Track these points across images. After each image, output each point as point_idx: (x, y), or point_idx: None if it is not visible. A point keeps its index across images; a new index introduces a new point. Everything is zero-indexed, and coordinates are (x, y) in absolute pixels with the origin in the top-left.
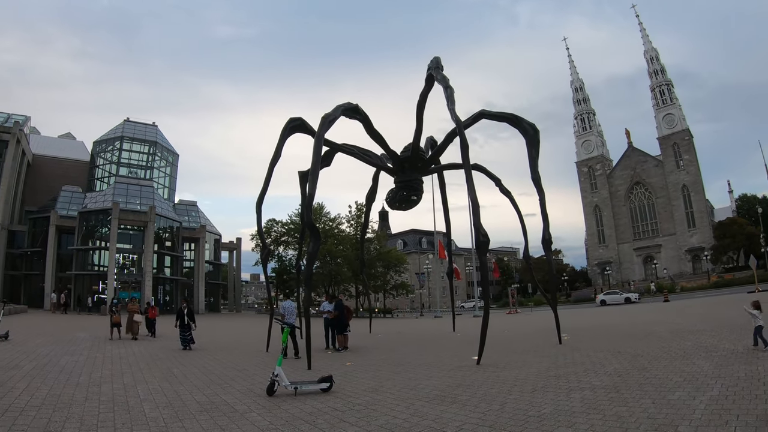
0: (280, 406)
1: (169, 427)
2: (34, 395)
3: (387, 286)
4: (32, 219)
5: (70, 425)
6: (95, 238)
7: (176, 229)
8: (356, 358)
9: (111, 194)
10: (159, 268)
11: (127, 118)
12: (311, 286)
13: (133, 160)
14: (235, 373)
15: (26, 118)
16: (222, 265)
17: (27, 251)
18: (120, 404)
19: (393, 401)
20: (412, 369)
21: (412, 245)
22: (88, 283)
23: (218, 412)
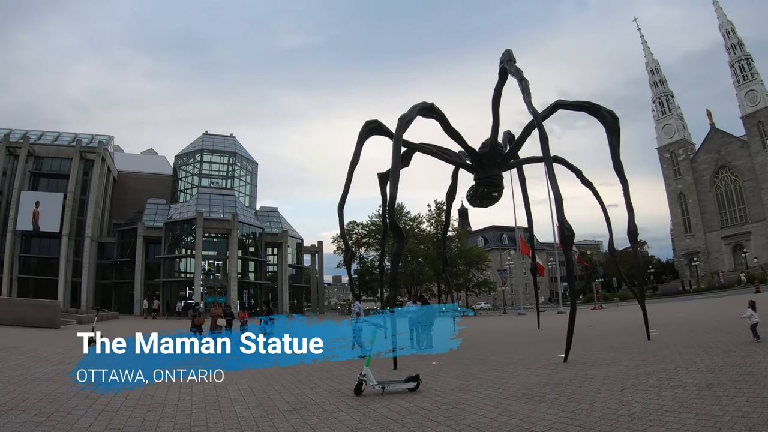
0: (368, 405)
1: (260, 426)
2: (129, 396)
3: (469, 284)
4: (120, 231)
5: (164, 424)
6: (181, 247)
7: (259, 234)
8: (441, 357)
9: (194, 204)
10: (243, 273)
11: (205, 132)
12: (396, 286)
13: (214, 171)
14: (323, 373)
15: (109, 137)
16: (305, 269)
17: (116, 261)
18: (211, 404)
19: (480, 400)
20: (498, 367)
21: (493, 242)
22: (176, 289)
23: (307, 412)
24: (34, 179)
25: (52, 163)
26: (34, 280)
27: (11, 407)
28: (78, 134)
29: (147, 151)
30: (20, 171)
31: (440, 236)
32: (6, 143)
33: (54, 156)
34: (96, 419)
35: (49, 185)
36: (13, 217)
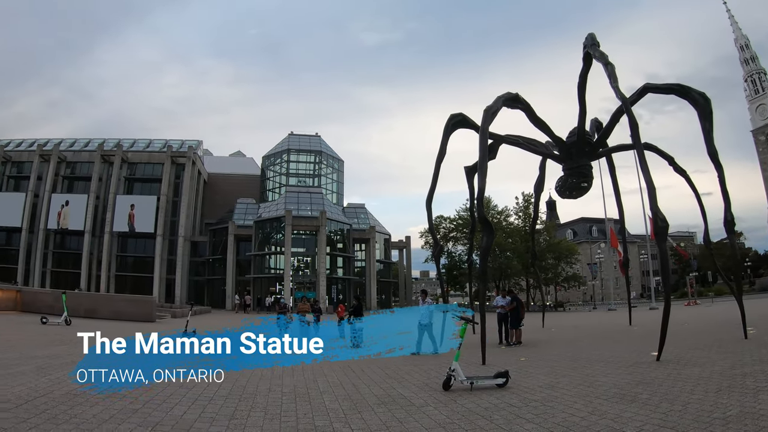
0: (456, 400)
1: (349, 418)
2: (221, 386)
3: (558, 278)
4: (212, 230)
5: (254, 414)
6: (270, 244)
7: (346, 231)
8: (530, 353)
9: (283, 203)
10: (332, 269)
11: (291, 132)
12: (486, 280)
13: (301, 170)
14: (411, 367)
15: (198, 142)
16: (392, 264)
17: (208, 259)
18: (301, 395)
19: (570, 398)
20: (588, 365)
21: (582, 234)
22: (266, 285)
23: (396, 406)
24: (129, 184)
25: (145, 168)
26: (131, 277)
27: (110, 395)
28: (168, 140)
29: (235, 154)
30: (115, 177)
31: (528, 229)
32: (101, 152)
33: (146, 162)
34: (190, 407)
35: (143, 189)
36: (110, 220)
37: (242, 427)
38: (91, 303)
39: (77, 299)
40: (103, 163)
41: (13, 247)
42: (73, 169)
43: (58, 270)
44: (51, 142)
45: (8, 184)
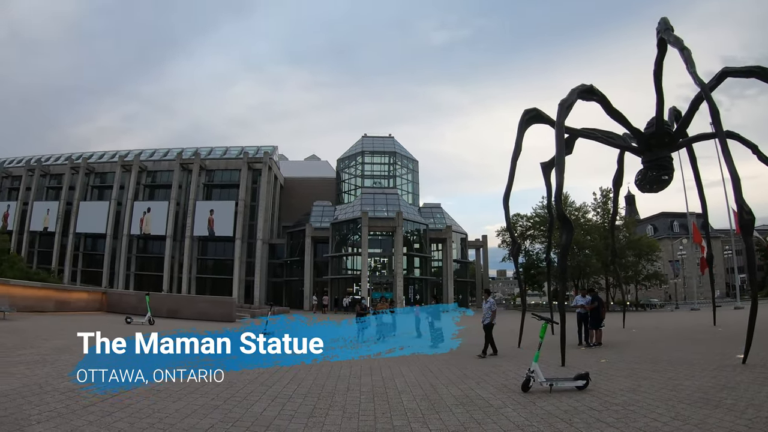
0: (536, 402)
1: (427, 419)
2: (300, 384)
3: (638, 276)
4: (289, 233)
5: (333, 412)
6: (347, 245)
7: (423, 231)
8: (611, 354)
9: (359, 204)
10: (409, 269)
11: (364, 134)
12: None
13: (376, 172)
14: (489, 368)
15: (274, 147)
16: (469, 263)
17: (286, 261)
18: (379, 395)
19: (652, 402)
20: (670, 367)
21: (663, 230)
22: (343, 285)
23: (474, 407)
24: (207, 190)
25: (223, 175)
26: (210, 279)
27: (191, 391)
28: (244, 147)
29: (310, 158)
30: (194, 184)
31: (608, 226)
32: (180, 160)
33: (224, 168)
34: (269, 405)
35: (221, 195)
36: (190, 225)
37: (321, 425)
38: (173, 304)
39: (160, 300)
40: (182, 171)
41: (98, 252)
42: (153, 177)
43: (141, 273)
44: (132, 153)
45: (92, 194)
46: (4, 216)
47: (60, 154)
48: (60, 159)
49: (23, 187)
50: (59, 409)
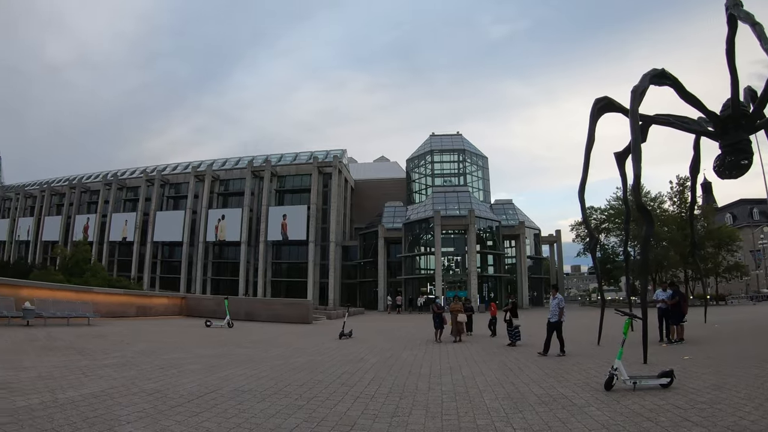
0: (619, 401)
1: (510, 418)
2: (382, 384)
3: (719, 268)
4: (362, 234)
5: (416, 411)
6: (420, 245)
7: (495, 228)
8: (694, 351)
9: (431, 204)
10: (482, 267)
11: (432, 133)
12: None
13: (445, 170)
14: (570, 366)
15: (342, 151)
16: (543, 259)
17: (360, 262)
18: (461, 394)
19: (739, 400)
20: (757, 364)
21: (743, 218)
22: (417, 285)
23: (557, 405)
24: (279, 196)
25: (294, 180)
26: (285, 282)
27: (275, 392)
28: (314, 152)
29: (379, 159)
30: (266, 190)
31: (685, 216)
32: (251, 168)
33: (294, 174)
34: (353, 405)
35: (293, 199)
36: (264, 230)
37: (405, 425)
38: (250, 307)
39: (238, 304)
40: (253, 178)
41: (175, 259)
42: (226, 186)
43: (217, 278)
44: (204, 164)
45: (168, 204)
46: (84, 228)
47: (135, 168)
48: (135, 173)
49: (101, 201)
50: (147, 410)
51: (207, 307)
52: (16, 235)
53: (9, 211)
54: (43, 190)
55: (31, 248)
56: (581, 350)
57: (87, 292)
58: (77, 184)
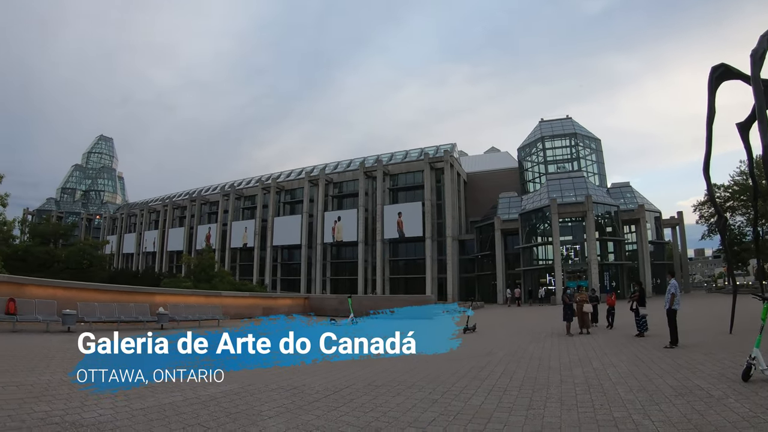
0: (758, 392)
1: (647, 410)
2: (513, 377)
3: None
4: (477, 227)
5: (551, 404)
6: (537, 235)
7: (614, 213)
8: None
9: (546, 192)
10: (602, 255)
11: (541, 119)
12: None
13: (558, 156)
14: (702, 357)
15: (453, 145)
16: (665, 244)
17: (477, 255)
18: (594, 387)
19: None
20: None
21: None
22: (536, 276)
23: (693, 397)
24: (393, 194)
25: (406, 178)
26: (403, 279)
27: (408, 386)
28: (424, 148)
29: (489, 150)
30: (380, 189)
31: None
32: (363, 169)
33: (406, 171)
34: (486, 398)
35: (407, 197)
36: (380, 229)
37: (540, 417)
38: (372, 304)
39: (360, 301)
40: (366, 178)
41: (294, 262)
42: (340, 188)
43: (336, 277)
44: (316, 168)
45: (285, 210)
46: (206, 237)
47: (250, 178)
48: (251, 182)
49: (221, 211)
50: (287, 405)
51: (330, 306)
52: (143, 248)
53: (135, 225)
54: (166, 205)
55: (157, 259)
56: (713, 340)
57: (216, 296)
58: (197, 196)
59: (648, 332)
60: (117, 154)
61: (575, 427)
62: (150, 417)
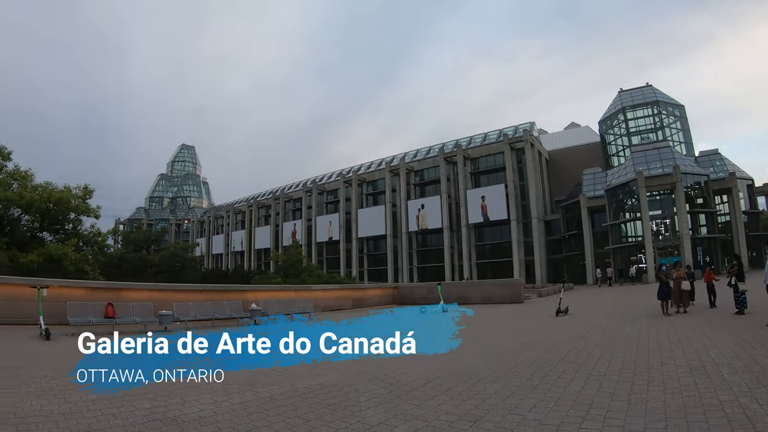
0: None
1: (754, 392)
2: (611, 361)
3: None
4: (563, 207)
5: (653, 388)
6: (624, 211)
7: (704, 183)
8: None
9: (631, 165)
10: (694, 228)
11: (620, 89)
12: None
13: (641, 126)
14: None
15: (531, 123)
16: (759, 213)
17: (564, 236)
18: (697, 369)
19: None
20: None
21: None
22: (626, 254)
23: None
24: (475, 178)
25: (487, 161)
26: (490, 263)
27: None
28: (502, 129)
29: (569, 126)
30: (461, 174)
31: None
32: (443, 155)
33: (486, 154)
34: (586, 383)
35: (489, 180)
36: (464, 214)
37: (644, 402)
38: (461, 290)
39: (448, 288)
40: (447, 164)
41: (380, 252)
42: (421, 176)
43: (422, 266)
44: (396, 158)
45: (367, 201)
46: (292, 233)
47: (331, 172)
48: (332, 177)
49: (304, 206)
50: (384, 395)
51: (419, 294)
52: (231, 248)
53: (222, 227)
54: (251, 205)
55: (245, 257)
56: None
57: (306, 290)
58: (280, 195)
59: (747, 309)
60: (199, 160)
61: (681, 412)
62: (249, 410)
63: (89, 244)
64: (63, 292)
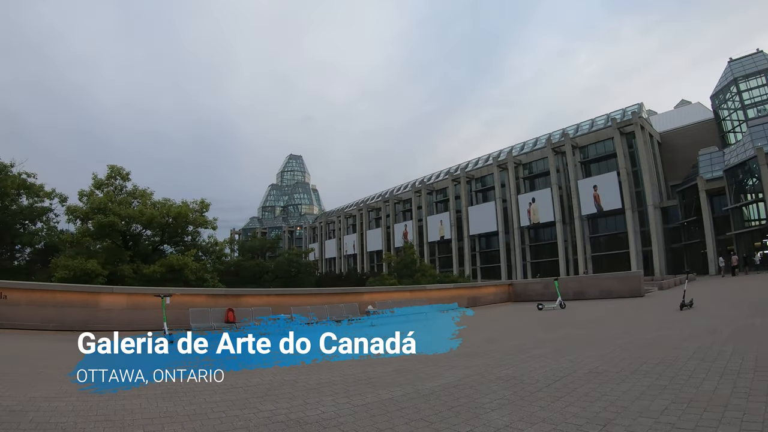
0: None
1: None
2: (745, 358)
3: None
4: (679, 192)
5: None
6: (746, 192)
7: None
8: None
9: (749, 141)
10: None
11: (730, 59)
12: None
13: (756, 98)
14: None
15: (640, 105)
16: None
17: (682, 223)
18: None
19: None
20: None
21: None
22: (750, 240)
23: None
24: (585, 167)
25: (596, 148)
26: (605, 256)
27: (632, 372)
28: (609, 114)
29: (679, 104)
30: (571, 164)
31: None
32: (550, 145)
33: (595, 141)
34: (719, 382)
35: (600, 168)
36: (576, 206)
37: None
38: (578, 285)
39: (564, 283)
40: (555, 155)
41: (493, 249)
42: (530, 169)
43: (536, 261)
44: (503, 152)
45: (477, 198)
46: (403, 234)
47: (438, 172)
48: (440, 176)
49: (414, 207)
50: (508, 396)
51: (534, 291)
52: (343, 251)
53: (334, 232)
54: (361, 209)
55: (358, 260)
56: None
57: (420, 290)
58: (389, 197)
59: None
60: (308, 169)
61: None
62: (372, 413)
63: (208, 253)
64: (185, 299)
